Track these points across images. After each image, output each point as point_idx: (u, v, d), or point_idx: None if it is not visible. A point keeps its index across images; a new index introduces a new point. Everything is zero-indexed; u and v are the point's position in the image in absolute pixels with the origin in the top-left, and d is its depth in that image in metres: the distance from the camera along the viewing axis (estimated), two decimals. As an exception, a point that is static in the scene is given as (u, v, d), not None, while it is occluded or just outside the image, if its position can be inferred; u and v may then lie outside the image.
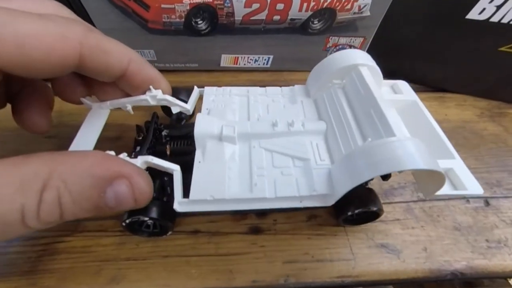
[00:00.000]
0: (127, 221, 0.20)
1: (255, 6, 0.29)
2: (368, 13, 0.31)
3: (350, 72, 0.24)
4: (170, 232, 0.22)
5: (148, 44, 0.33)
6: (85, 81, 0.21)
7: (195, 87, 0.25)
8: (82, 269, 0.21)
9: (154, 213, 0.20)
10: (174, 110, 0.22)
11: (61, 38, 0.15)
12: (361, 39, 0.34)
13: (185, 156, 0.22)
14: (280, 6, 0.29)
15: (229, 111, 0.24)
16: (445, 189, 0.17)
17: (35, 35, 0.14)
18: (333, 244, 0.23)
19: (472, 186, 0.19)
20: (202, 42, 0.33)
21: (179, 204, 0.20)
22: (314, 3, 0.29)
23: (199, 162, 0.21)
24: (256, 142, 0.22)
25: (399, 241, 0.23)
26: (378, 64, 0.25)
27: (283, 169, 0.20)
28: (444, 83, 0.36)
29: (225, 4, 0.29)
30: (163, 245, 0.22)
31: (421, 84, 0.36)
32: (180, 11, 0.29)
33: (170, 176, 0.20)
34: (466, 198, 0.26)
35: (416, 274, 0.22)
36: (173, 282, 0.21)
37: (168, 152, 0.22)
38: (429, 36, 0.33)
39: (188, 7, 0.29)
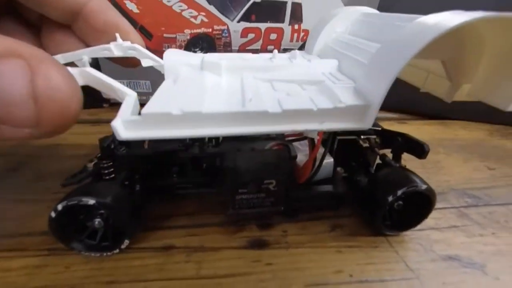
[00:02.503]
0: (59, 207, 0.13)
1: (251, 36, 0.32)
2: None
3: (355, 18, 0.21)
4: (126, 242, 0.14)
5: (144, 75, 0.33)
6: (30, 28, 0.17)
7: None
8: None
9: (105, 195, 0.13)
10: (145, 63, 0.18)
11: None
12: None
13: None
14: (273, 36, 0.32)
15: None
16: None
17: None
18: (377, 258, 0.15)
19: None
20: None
21: (124, 126, 0.11)
22: (303, 33, 0.32)
23: (168, 84, 0.15)
24: (250, 75, 0.16)
25: (474, 252, 0.16)
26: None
27: (289, 91, 0.14)
28: (441, 110, 0.35)
29: (223, 34, 0.32)
30: (109, 267, 0.14)
31: (414, 114, 0.36)
32: (181, 40, 0.31)
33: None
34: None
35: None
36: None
37: None
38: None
39: (188, 37, 0.31)
